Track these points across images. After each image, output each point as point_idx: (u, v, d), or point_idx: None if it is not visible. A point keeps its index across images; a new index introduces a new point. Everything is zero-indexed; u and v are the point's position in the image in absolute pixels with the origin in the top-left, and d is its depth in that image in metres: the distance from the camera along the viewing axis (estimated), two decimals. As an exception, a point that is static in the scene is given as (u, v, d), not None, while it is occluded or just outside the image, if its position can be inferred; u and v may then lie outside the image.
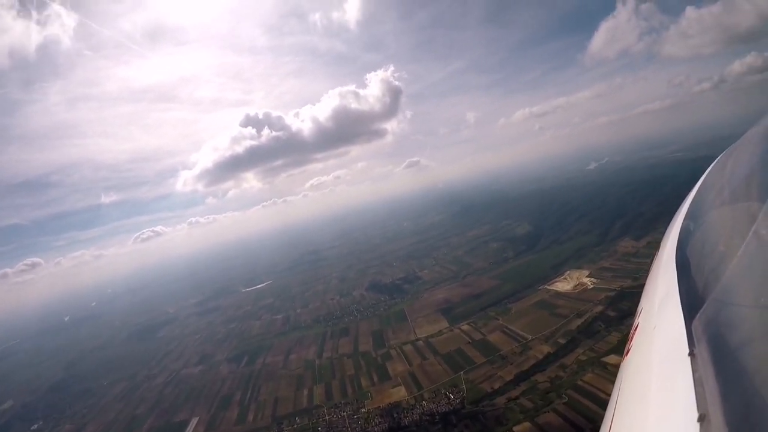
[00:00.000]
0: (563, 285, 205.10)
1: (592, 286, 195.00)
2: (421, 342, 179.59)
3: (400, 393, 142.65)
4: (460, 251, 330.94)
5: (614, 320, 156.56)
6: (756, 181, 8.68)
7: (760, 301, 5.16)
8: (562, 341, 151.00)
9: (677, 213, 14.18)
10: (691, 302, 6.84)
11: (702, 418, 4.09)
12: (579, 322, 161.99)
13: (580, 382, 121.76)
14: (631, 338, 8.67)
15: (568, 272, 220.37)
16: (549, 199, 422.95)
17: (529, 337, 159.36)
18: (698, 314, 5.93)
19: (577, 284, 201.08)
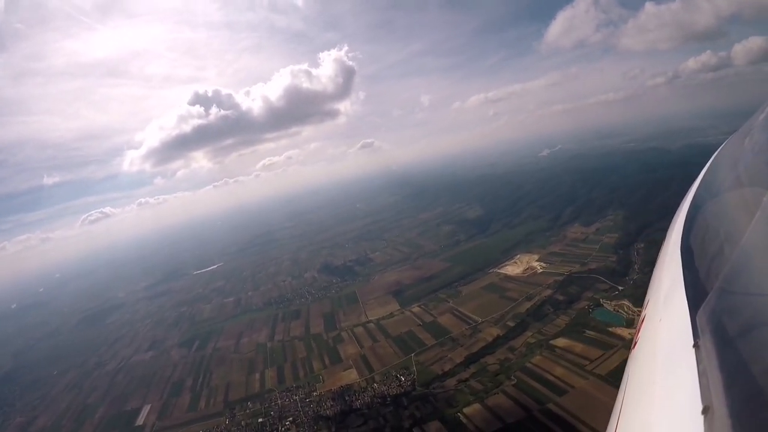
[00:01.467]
0: (513, 269, 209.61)
1: (541, 270, 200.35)
2: (372, 324, 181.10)
3: (351, 376, 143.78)
4: (412, 233, 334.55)
5: (563, 304, 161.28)
6: (759, 170, 9.17)
7: (764, 291, 5.34)
8: (511, 324, 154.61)
9: (682, 203, 14.29)
10: (696, 293, 6.96)
11: (706, 410, 4.11)
12: (528, 305, 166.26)
13: (528, 364, 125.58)
14: (638, 330, 8.90)
15: (518, 256, 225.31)
16: (501, 184, 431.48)
17: (479, 320, 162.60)
18: (703, 305, 6.17)
19: (527, 268, 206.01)
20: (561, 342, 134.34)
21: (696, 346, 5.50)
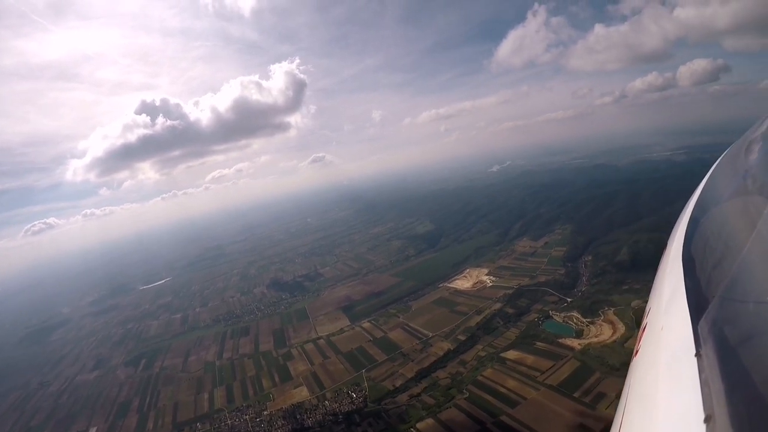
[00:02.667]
0: (463, 283, 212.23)
1: (491, 284, 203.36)
2: (322, 341, 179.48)
3: (302, 393, 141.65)
4: (362, 248, 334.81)
5: (512, 317, 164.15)
6: (761, 180, 9.14)
7: (767, 300, 5.27)
8: (462, 338, 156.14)
9: (683, 212, 14.15)
10: (698, 302, 6.91)
11: (708, 419, 4.09)
12: (478, 318, 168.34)
13: (480, 378, 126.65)
14: (640, 338, 8.75)
15: (467, 270, 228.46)
16: (452, 199, 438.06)
17: (430, 334, 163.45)
18: (704, 315, 6.12)
19: (477, 282, 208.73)
20: (512, 354, 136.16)
21: (698, 355, 5.47)
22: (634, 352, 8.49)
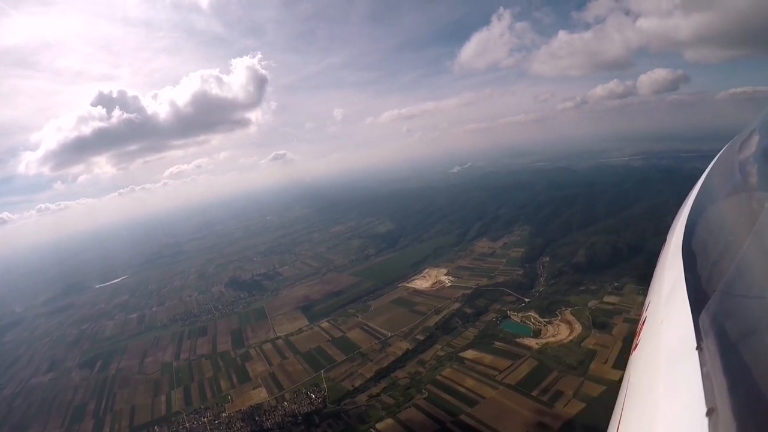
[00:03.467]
0: (422, 283, 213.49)
1: (449, 284, 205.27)
2: (281, 341, 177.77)
3: (261, 394, 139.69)
4: (322, 247, 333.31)
5: (471, 316, 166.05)
6: (761, 174, 9.32)
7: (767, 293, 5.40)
8: (420, 338, 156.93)
9: (682, 206, 14.32)
10: (699, 296, 6.98)
11: (710, 413, 4.11)
12: (437, 318, 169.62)
13: (439, 377, 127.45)
14: (639, 332, 8.89)
15: (427, 270, 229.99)
16: (412, 199, 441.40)
17: (389, 334, 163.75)
18: (705, 308, 6.22)
19: (436, 282, 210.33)
20: (470, 354, 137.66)
21: (699, 348, 5.53)
22: (633, 345, 8.67)
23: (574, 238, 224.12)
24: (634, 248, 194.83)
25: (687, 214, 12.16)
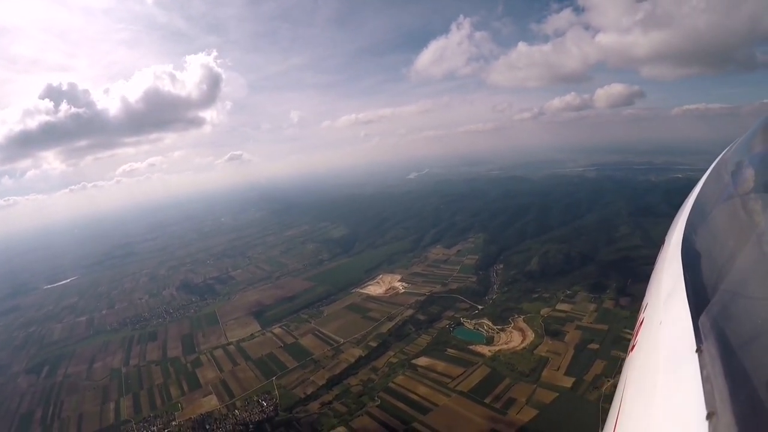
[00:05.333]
0: (376, 288, 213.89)
1: (403, 290, 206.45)
2: (232, 346, 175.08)
3: (211, 402, 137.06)
4: (275, 251, 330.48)
5: (424, 323, 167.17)
6: (761, 176, 9.35)
7: None
8: (373, 344, 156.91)
9: (682, 207, 14.25)
10: (698, 297, 6.92)
11: (710, 416, 4.05)
12: (390, 325, 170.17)
13: (392, 385, 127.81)
14: (636, 333, 8.83)
15: (380, 276, 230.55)
16: (368, 204, 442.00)
17: (341, 341, 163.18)
18: (705, 310, 6.10)
19: (389, 288, 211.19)
20: (423, 361, 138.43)
21: (699, 350, 5.43)
22: (630, 347, 8.57)
23: (528, 246, 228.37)
24: (587, 257, 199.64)
25: (686, 216, 12.23)
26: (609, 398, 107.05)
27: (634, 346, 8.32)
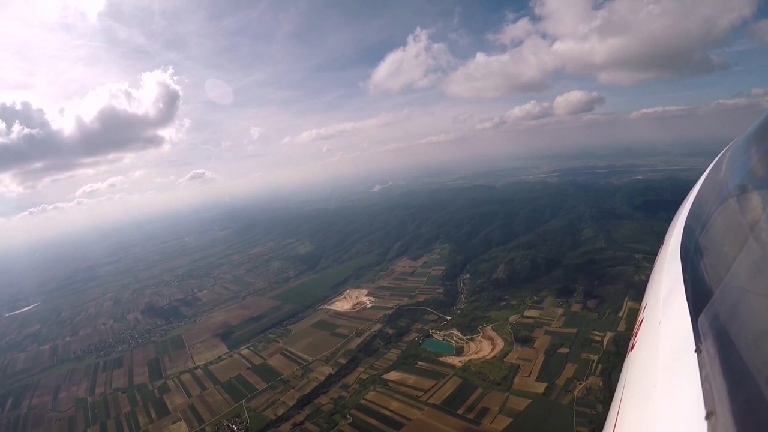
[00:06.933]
0: (343, 304, 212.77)
1: (370, 304, 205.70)
2: (200, 370, 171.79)
3: (180, 429, 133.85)
4: (241, 270, 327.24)
5: (393, 337, 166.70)
6: (761, 176, 9.12)
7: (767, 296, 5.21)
8: (342, 361, 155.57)
9: (681, 208, 14.43)
10: (697, 297, 6.95)
11: (709, 416, 4.11)
12: (359, 340, 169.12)
13: (363, 401, 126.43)
14: (636, 333, 8.79)
15: (347, 291, 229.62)
16: (333, 218, 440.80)
17: (310, 359, 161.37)
18: (704, 310, 6.05)
19: (357, 303, 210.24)
20: (394, 375, 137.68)
21: (698, 350, 5.42)
22: (630, 346, 8.57)
23: (494, 255, 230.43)
24: (552, 262, 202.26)
25: (685, 216, 12.29)
26: (582, 402, 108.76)
27: (633, 346, 8.34)
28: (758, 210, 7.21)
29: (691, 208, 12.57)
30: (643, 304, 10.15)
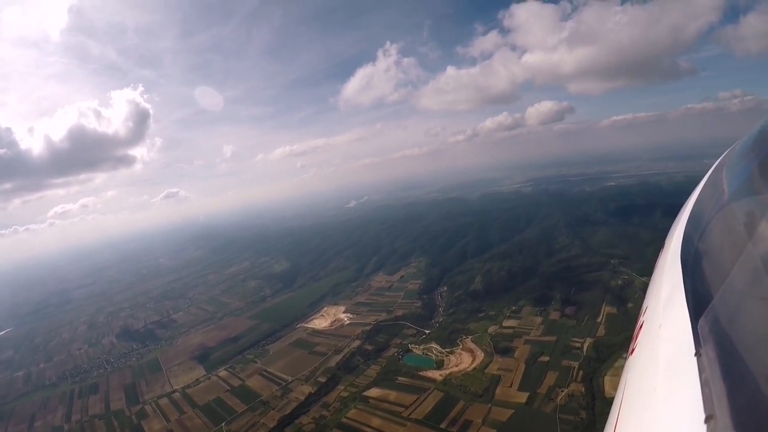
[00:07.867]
0: (321, 322, 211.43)
1: (348, 321, 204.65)
2: (177, 394, 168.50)
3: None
4: (217, 290, 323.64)
5: (372, 353, 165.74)
6: (761, 180, 8.94)
7: (767, 299, 5.14)
8: (322, 379, 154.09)
9: (681, 211, 14.35)
10: (697, 301, 6.89)
11: (709, 419, 4.08)
12: (338, 358, 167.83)
13: (344, 419, 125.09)
14: (636, 337, 8.73)
15: (325, 309, 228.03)
16: (309, 235, 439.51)
17: (289, 379, 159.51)
18: (704, 313, 5.98)
19: (335, 320, 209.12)
20: (374, 392, 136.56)
21: (698, 354, 5.32)
22: (630, 350, 8.50)
23: (470, 266, 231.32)
24: (529, 271, 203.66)
25: (685, 220, 12.28)
26: (565, 409, 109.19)
27: (633, 350, 8.27)
28: (757, 215, 7.13)
29: (691, 213, 12.61)
30: (644, 307, 10.07)
